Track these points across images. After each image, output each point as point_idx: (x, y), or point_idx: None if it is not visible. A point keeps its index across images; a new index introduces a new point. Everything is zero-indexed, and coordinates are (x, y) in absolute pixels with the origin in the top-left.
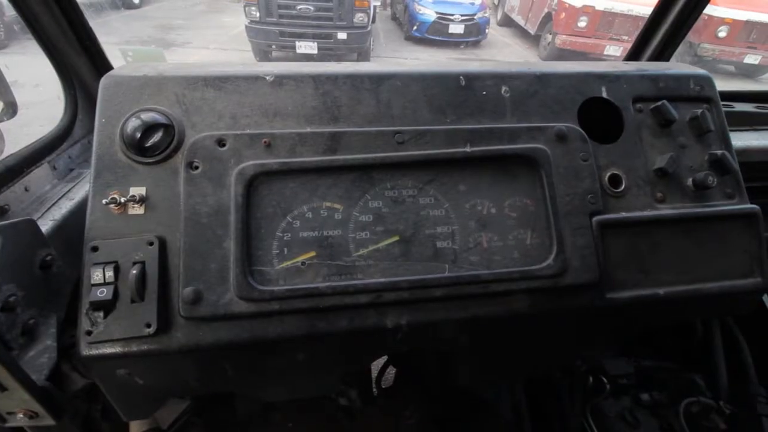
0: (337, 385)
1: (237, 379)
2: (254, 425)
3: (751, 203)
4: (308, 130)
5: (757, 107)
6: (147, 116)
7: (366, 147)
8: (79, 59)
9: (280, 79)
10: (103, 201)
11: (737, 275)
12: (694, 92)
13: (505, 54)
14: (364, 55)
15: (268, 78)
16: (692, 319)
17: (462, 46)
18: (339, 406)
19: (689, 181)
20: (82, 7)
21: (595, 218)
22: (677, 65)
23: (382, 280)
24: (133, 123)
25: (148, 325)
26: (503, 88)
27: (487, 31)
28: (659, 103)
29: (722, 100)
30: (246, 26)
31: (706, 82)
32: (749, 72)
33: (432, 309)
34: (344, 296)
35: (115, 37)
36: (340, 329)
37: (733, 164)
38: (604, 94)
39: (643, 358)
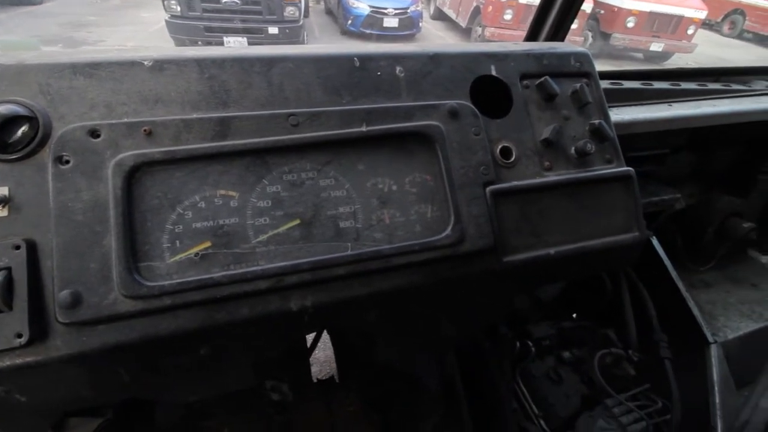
0: (252, 377)
1: (136, 383)
2: None
3: (640, 169)
4: (194, 116)
5: (643, 84)
6: (4, 109)
7: (258, 131)
8: None
9: (160, 64)
10: None
11: (618, 231)
12: (575, 68)
13: None
14: None
15: (146, 63)
16: (583, 275)
17: (398, 40)
18: (271, 402)
19: (572, 150)
20: None
21: (489, 188)
22: (562, 45)
23: (283, 263)
24: None
25: (19, 336)
26: (398, 69)
27: (420, 24)
28: (542, 78)
29: (611, 79)
30: (166, 21)
31: (585, 58)
32: (655, 59)
33: (336, 288)
34: (242, 284)
35: (16, 36)
36: (241, 318)
37: (610, 132)
38: (494, 72)
39: (563, 320)
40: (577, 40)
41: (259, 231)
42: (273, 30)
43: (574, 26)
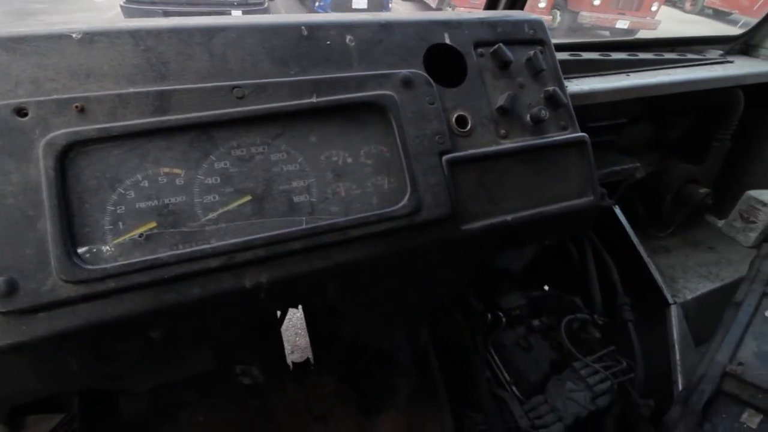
0: (212, 360)
1: (87, 372)
2: (162, 426)
3: (600, 139)
4: (130, 90)
5: (602, 55)
6: None
7: (201, 105)
8: None
9: (90, 37)
10: None
11: (574, 196)
12: (528, 35)
13: None
14: None
15: (74, 36)
16: (541, 240)
17: None
18: (243, 387)
19: (528, 117)
20: None
21: (445, 157)
22: (516, 12)
23: (235, 240)
24: None
25: None
26: (348, 38)
27: (390, 5)
28: (496, 46)
29: (571, 51)
30: (121, 6)
31: (538, 26)
32: (621, 36)
33: (292, 263)
34: (192, 263)
35: None
36: (192, 298)
37: (564, 98)
38: (447, 41)
39: (532, 290)
40: (546, 19)
41: (208, 209)
42: (236, 13)
43: (542, 4)
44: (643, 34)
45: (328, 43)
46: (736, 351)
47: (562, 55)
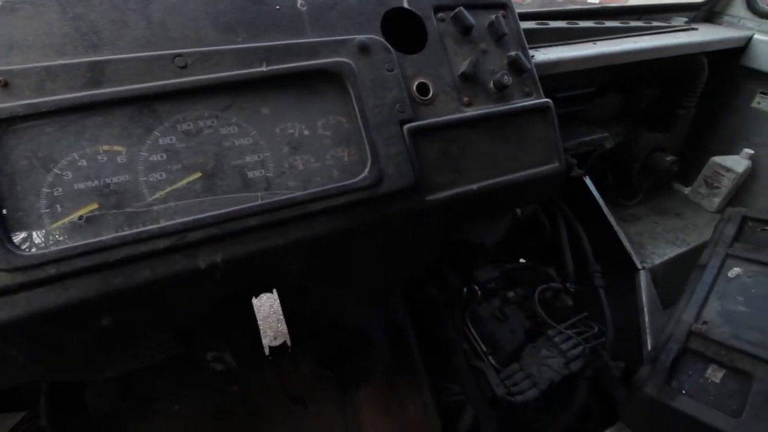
0: (173, 346)
1: (36, 363)
2: (135, 418)
3: (569, 110)
4: (59, 62)
5: (569, 23)
6: None
7: (140, 76)
8: None
9: (11, 5)
10: None
11: (539, 163)
12: None
13: None
14: None
15: None
16: (508, 208)
17: None
18: (216, 373)
19: (491, 84)
20: None
21: (406, 126)
22: None
23: (184, 219)
24: None
25: None
26: (299, 2)
27: None
28: (457, 9)
29: (538, 19)
30: None
31: None
32: None
33: (249, 240)
34: (138, 245)
35: None
36: (142, 281)
37: (527, 63)
38: (406, 5)
39: (506, 262)
40: None
41: (154, 187)
42: None
43: None
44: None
45: (278, 7)
46: (701, 311)
47: (529, 24)
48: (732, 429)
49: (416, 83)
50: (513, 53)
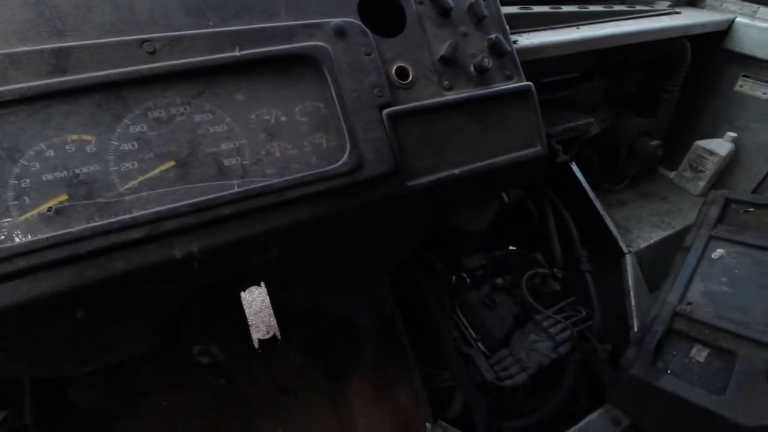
0: (153, 339)
1: (11, 359)
2: (122, 414)
3: (553, 94)
4: (22, 49)
5: (552, 8)
6: None
7: (107, 62)
8: None
9: None
10: None
11: (521, 147)
12: None
13: None
14: None
15: None
16: (491, 193)
17: None
18: (204, 367)
19: (471, 67)
20: None
21: (385, 111)
22: None
23: (158, 209)
24: None
25: None
26: None
27: None
28: None
29: (521, 4)
30: None
31: None
32: None
33: (226, 229)
34: (111, 235)
35: None
36: (116, 273)
37: (507, 46)
38: None
39: (494, 249)
40: None
41: (126, 177)
42: None
43: None
44: None
45: None
46: (685, 292)
47: (512, 9)
48: (716, 406)
49: (395, 67)
50: (493, 36)
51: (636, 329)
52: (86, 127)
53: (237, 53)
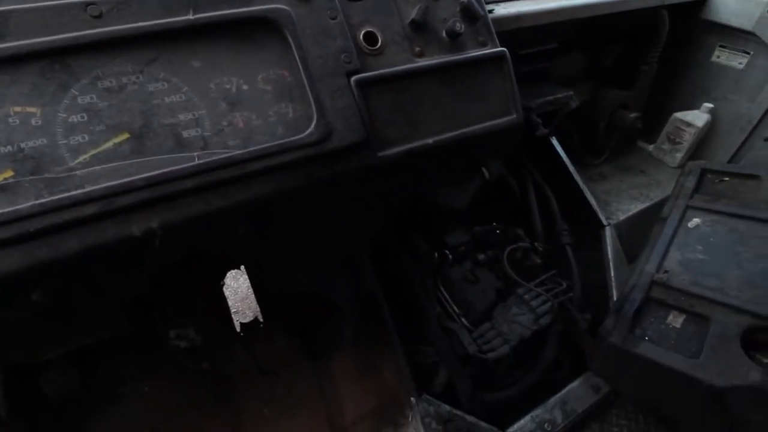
0: (123, 322)
1: None
2: (102, 403)
3: (531, 66)
4: None
5: None
6: None
7: (48, 27)
8: None
9: None
10: None
11: (496, 115)
12: None
13: None
14: None
15: None
16: (466, 163)
17: None
18: (181, 351)
19: (443, 33)
20: None
21: (353, 78)
22: None
23: (111, 183)
24: None
25: None
26: None
27: None
28: None
29: None
30: None
31: None
32: None
33: (187, 204)
34: (61, 212)
35: None
36: (70, 251)
37: (479, 10)
38: None
39: (476, 226)
40: None
41: (76, 151)
42: None
43: None
44: None
45: None
46: (662, 261)
47: None
48: (691, 369)
49: (363, 32)
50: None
51: (615, 299)
52: (30, 98)
53: (191, 16)
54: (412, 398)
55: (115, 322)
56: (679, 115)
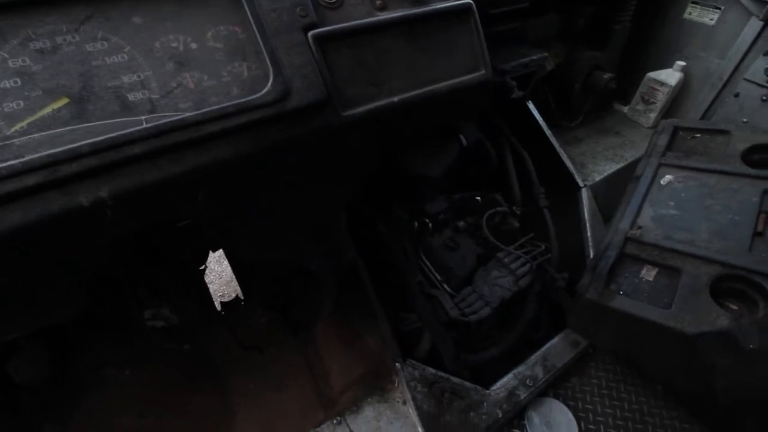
0: (83, 300)
1: None
2: (83, 388)
3: (504, 26)
4: None
5: None
6: None
7: None
8: None
9: None
10: None
11: (464, 72)
12: None
13: None
14: None
15: None
16: (434, 122)
17: None
18: (158, 331)
19: None
20: None
21: (311, 32)
22: None
23: (53, 151)
24: None
25: None
26: None
27: None
28: None
29: None
30: None
31: None
32: None
33: (138, 170)
34: (1, 183)
35: None
36: (14, 225)
37: None
38: None
39: (455, 193)
40: None
41: (11, 118)
42: None
43: None
44: None
45: None
46: (636, 218)
47: None
48: (663, 319)
49: None
50: None
51: (592, 257)
52: None
53: None
54: (397, 364)
55: (77, 301)
56: (652, 74)
